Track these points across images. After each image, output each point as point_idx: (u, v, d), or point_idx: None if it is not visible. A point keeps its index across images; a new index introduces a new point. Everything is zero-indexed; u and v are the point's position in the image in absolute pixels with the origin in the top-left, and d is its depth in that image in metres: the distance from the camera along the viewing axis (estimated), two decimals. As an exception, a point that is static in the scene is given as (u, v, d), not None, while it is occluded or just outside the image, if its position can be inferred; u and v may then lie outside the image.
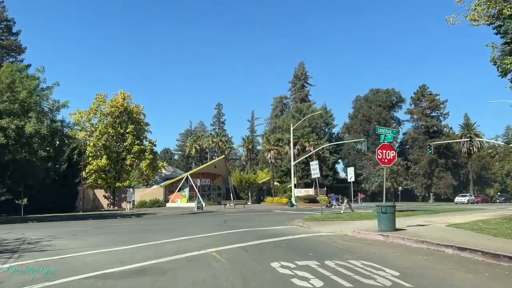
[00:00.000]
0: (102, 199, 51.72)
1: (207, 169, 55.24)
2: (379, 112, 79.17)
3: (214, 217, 24.98)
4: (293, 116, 69.89)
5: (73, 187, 42.93)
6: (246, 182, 59.12)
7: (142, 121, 55.75)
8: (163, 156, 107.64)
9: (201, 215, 28.69)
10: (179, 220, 22.62)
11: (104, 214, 34.78)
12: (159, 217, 27.83)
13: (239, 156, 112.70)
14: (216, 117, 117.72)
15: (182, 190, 53.80)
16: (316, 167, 23.18)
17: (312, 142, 59.38)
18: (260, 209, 38.98)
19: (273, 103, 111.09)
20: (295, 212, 30.64)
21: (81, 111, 51.07)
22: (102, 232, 16.26)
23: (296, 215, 26.86)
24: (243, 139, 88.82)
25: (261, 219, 22.68)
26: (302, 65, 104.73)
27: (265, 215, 26.55)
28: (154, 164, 54.20)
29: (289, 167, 71.43)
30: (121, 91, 53.38)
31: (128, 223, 21.18)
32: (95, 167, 48.37)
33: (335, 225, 17.21)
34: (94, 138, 49.49)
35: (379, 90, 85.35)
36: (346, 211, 25.79)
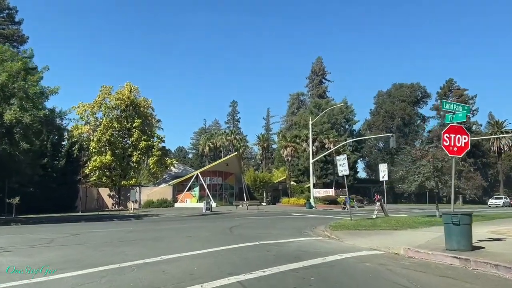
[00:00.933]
0: (107, 198, 48.45)
1: (219, 167, 51.43)
2: (403, 108, 74.23)
3: (221, 221, 21.10)
4: (311, 112, 65.58)
5: (72, 185, 39.63)
6: (260, 182, 55.15)
7: (150, 115, 52.33)
8: (177, 155, 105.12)
9: (206, 219, 24.83)
10: (178, 226, 18.79)
11: (102, 215, 31.26)
12: (158, 221, 24.13)
13: (254, 155, 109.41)
14: (231, 114, 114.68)
15: (191, 189, 50.16)
16: (345, 162, 19.04)
17: (332, 138, 55.07)
18: (275, 211, 34.99)
19: (289, 100, 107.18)
20: (316, 216, 26.52)
21: (84, 104, 47.89)
22: (70, 243, 12.52)
23: (318, 220, 22.76)
24: (258, 137, 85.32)
25: (276, 224, 18.70)
26: (320, 60, 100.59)
27: (281, 220, 22.53)
28: (163, 161, 50.64)
29: (306, 165, 67.22)
30: (128, 82, 50.14)
31: (115, 229, 17.43)
32: (98, 163, 45.05)
33: (373, 236, 13.10)
34: (98, 133, 46.20)
35: (403, 85, 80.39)
36: (379, 215, 21.55)
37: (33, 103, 23.77)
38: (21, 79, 23.90)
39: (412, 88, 79.28)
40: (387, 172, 23.84)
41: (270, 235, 13.86)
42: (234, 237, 13.24)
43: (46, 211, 35.94)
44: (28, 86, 23.59)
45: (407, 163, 21.91)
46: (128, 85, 49.79)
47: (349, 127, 70.62)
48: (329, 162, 63.85)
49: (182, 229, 16.75)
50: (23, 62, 24.14)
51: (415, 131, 76.42)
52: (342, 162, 19.26)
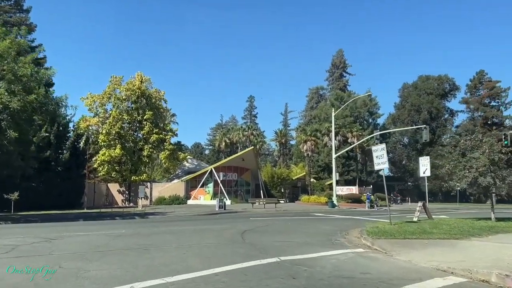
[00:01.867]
0: (116, 194, 45.99)
1: (234, 162, 48.38)
2: (430, 101, 69.74)
3: (233, 223, 18.00)
4: (333, 104, 61.86)
5: (78, 180, 37.07)
6: (278, 178, 51.94)
7: (162, 107, 49.61)
8: (193, 151, 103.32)
9: (217, 219, 21.77)
10: (181, 228, 15.76)
11: (105, 213, 28.53)
12: (163, 221, 21.19)
13: (271, 152, 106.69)
14: (248, 110, 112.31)
15: (205, 185, 47.32)
16: (383, 153, 15.66)
17: (355, 132, 51.40)
18: (295, 211, 31.76)
19: (309, 94, 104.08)
20: (343, 217, 23.16)
21: (93, 95, 45.35)
22: (33, 253, 9.62)
23: (346, 221, 19.46)
24: (276, 133, 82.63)
25: (298, 228, 15.48)
26: (341, 53, 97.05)
27: (303, 222, 19.29)
28: (175, 155, 47.86)
29: (327, 161, 63.70)
30: (139, 72, 47.40)
31: (104, 232, 14.50)
32: (107, 157, 42.52)
33: (432, 248, 9.81)
34: (107, 125, 43.68)
35: (430, 77, 75.72)
36: (421, 216, 18.06)
37: (23, 86, 21.03)
38: (11, 60, 21.20)
39: (440, 80, 74.59)
40: (429, 167, 20.18)
41: (292, 244, 10.68)
42: (246, 247, 10.08)
43: (49, 207, 33.54)
44: (18, 68, 20.84)
45: (454, 156, 18.30)
46: (139, 75, 47.13)
47: (372, 121, 66.70)
48: (352, 158, 60.28)
49: (184, 233, 13.69)
50: (12, 40, 21.41)
51: (443, 125, 71.81)
52: (379, 153, 15.87)
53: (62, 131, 36.51)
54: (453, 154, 18.44)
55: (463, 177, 17.17)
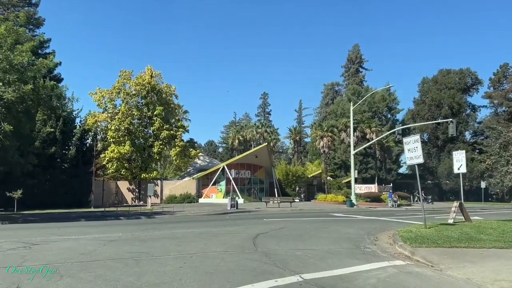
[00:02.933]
0: (126, 192, 44.62)
1: (247, 159, 46.54)
2: (452, 95, 66.76)
3: (244, 224, 16.17)
4: (349, 99, 59.56)
5: (85, 177, 35.70)
6: (293, 176, 50.00)
7: (173, 103, 48.06)
8: (207, 149, 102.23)
9: (227, 219, 19.97)
10: (186, 231, 13.99)
11: (110, 212, 26.96)
12: (169, 221, 19.51)
13: (285, 149, 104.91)
14: (261, 107, 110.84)
15: (217, 183, 45.61)
16: (417, 146, 13.67)
17: (374, 128, 49.03)
18: (312, 210, 29.80)
19: (324, 90, 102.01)
20: (366, 218, 21.13)
21: (102, 90, 44.07)
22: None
23: (370, 223, 17.46)
24: (290, 130, 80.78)
25: (318, 231, 13.56)
26: (357, 48, 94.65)
27: (322, 223, 17.33)
28: (186, 152, 46.27)
29: (344, 158, 61.51)
30: (149, 66, 45.95)
31: (98, 235, 12.83)
32: (116, 154, 41.14)
33: (492, 261, 7.83)
34: (116, 121, 42.31)
35: (451, 71, 72.67)
36: (458, 217, 15.94)
37: (20, 76, 19.52)
38: (7, 48, 19.71)
39: (461, 74, 71.47)
40: (465, 162, 18.00)
41: (315, 253, 8.79)
42: (258, 258, 8.21)
43: (55, 206, 32.27)
44: (14, 56, 19.33)
45: (494, 149, 16.10)
46: (149, 69, 45.65)
47: (391, 117, 64.11)
48: (370, 155, 57.93)
49: (187, 237, 11.90)
50: (8, 28, 19.91)
51: (465, 121, 68.76)
52: (412, 145, 13.88)
53: (68, 126, 35.22)
54: (493, 148, 16.27)
55: (506, 174, 15.00)
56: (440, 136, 69.66)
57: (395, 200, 38.99)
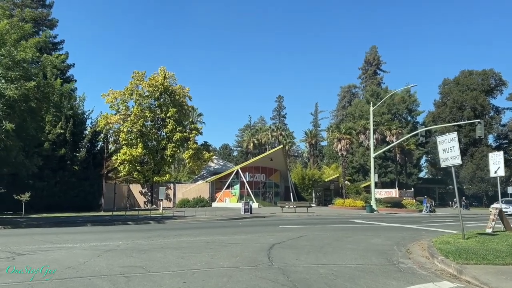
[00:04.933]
0: (138, 195, 43.70)
1: (262, 162, 45.14)
2: (475, 97, 64.22)
3: (258, 232, 14.77)
4: (368, 101, 57.63)
5: (96, 180, 34.79)
6: (309, 180, 48.34)
7: (186, 104, 47.03)
8: (221, 152, 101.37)
9: (240, 226, 18.57)
10: (195, 239, 12.66)
11: (119, 216, 25.81)
12: (178, 227, 18.26)
13: (300, 153, 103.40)
14: (276, 110, 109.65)
15: (231, 187, 44.33)
16: (454, 145, 11.95)
17: (394, 130, 47.04)
18: (331, 216, 28.22)
19: (340, 93, 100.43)
20: (389, 225, 19.48)
21: (115, 92, 43.35)
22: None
23: (396, 231, 15.87)
24: (306, 133, 79.42)
25: (341, 242, 12.06)
26: (375, 49, 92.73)
27: (344, 231, 15.81)
28: (200, 155, 45.14)
29: (362, 162, 59.58)
30: (162, 67, 45.06)
31: (98, 243, 11.62)
32: (128, 156, 40.21)
33: None
34: (129, 123, 41.46)
35: (473, 72, 70.13)
36: (497, 226, 14.21)
37: (24, 73, 18.56)
38: (10, 44, 18.79)
39: (485, 75, 68.86)
40: (503, 164, 16.21)
41: (342, 271, 7.33)
42: (274, 278, 6.78)
43: (64, 209, 31.45)
44: (17, 52, 18.38)
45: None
46: (162, 70, 44.75)
47: (411, 119, 61.87)
48: (389, 158, 55.88)
49: (193, 247, 10.55)
50: (10, 23, 19.00)
51: (489, 123, 66.07)
52: (448, 145, 12.19)
53: (79, 128, 34.42)
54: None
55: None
56: (462, 139, 67.03)
57: (428, 205, 37.67)
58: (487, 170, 61.87)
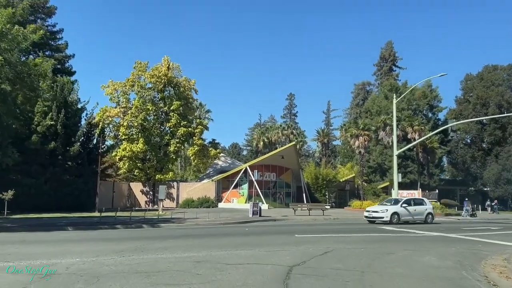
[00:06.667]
0: (139, 195, 40.60)
1: (272, 160, 41.77)
2: (500, 93, 60.01)
3: (268, 244, 11.51)
4: (386, 96, 53.97)
5: (90, 177, 31.71)
6: (323, 180, 44.77)
7: (192, 97, 43.90)
8: (231, 151, 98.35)
9: (245, 236, 15.22)
10: (182, 255, 9.39)
11: (109, 218, 22.59)
12: (170, 234, 15.09)
13: (311, 153, 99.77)
14: (288, 108, 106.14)
15: (239, 186, 41.06)
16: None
17: (416, 127, 43.28)
18: (351, 220, 24.89)
19: (354, 90, 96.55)
20: (429, 234, 15.98)
21: (115, 83, 40.33)
22: None
23: (443, 243, 12.48)
24: (318, 132, 75.98)
25: (384, 263, 8.72)
26: (390, 45, 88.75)
27: (379, 244, 12.46)
28: (205, 152, 41.98)
29: (380, 161, 55.86)
30: (166, 57, 41.92)
31: (36, 260, 8.44)
32: (128, 152, 37.20)
33: None
34: (129, 116, 38.46)
35: (497, 67, 65.93)
36: None
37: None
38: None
39: (510, 70, 64.64)
40: None
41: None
42: None
43: (54, 209, 28.42)
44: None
45: None
46: (166, 60, 41.64)
47: (433, 116, 57.93)
48: (409, 157, 52.10)
49: (173, 273, 7.28)
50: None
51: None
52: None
53: (72, 119, 31.39)
54: None
55: None
56: (486, 138, 62.98)
57: (467, 209, 35.17)
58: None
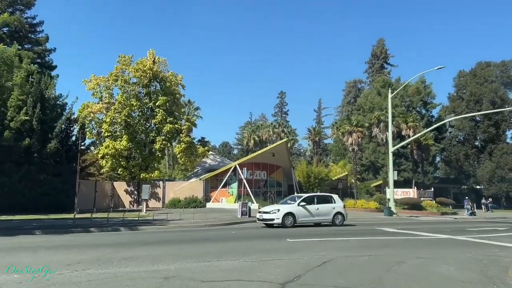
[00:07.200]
0: (123, 194, 38.73)
1: (263, 158, 40.17)
2: (494, 89, 59.12)
3: (255, 252, 9.91)
4: (379, 93, 52.71)
5: (70, 176, 29.76)
6: (315, 178, 43.23)
7: (179, 93, 42.05)
8: (221, 150, 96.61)
9: (231, 240, 13.56)
10: (148, 268, 7.73)
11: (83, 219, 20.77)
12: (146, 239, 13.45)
13: (302, 152, 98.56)
14: (278, 106, 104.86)
15: (228, 185, 39.39)
16: None
17: (411, 123, 42.01)
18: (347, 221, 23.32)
19: (345, 88, 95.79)
20: (435, 237, 14.50)
21: (97, 78, 38.39)
22: None
23: (456, 247, 11.01)
24: (309, 130, 75.05)
25: (397, 277, 7.18)
26: (382, 42, 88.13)
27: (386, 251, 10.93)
28: (193, 149, 40.22)
29: (373, 159, 54.60)
30: (151, 50, 40.02)
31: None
32: (111, 150, 35.31)
33: None
34: (112, 112, 36.55)
35: (490, 63, 65.18)
36: None
37: None
38: None
39: (504, 67, 63.92)
40: None
41: None
42: None
43: (31, 210, 26.47)
44: None
45: None
46: (151, 54, 39.74)
47: (427, 112, 56.84)
48: (403, 155, 50.91)
49: (139, 286, 5.62)
50: None
51: (509, 118, 61.05)
52: None
53: (49, 115, 29.40)
54: None
55: None
56: (479, 136, 62.11)
57: (468, 207, 34.32)
58: (508, 169, 56.68)
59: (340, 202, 20.59)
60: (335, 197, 20.58)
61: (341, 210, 19.78)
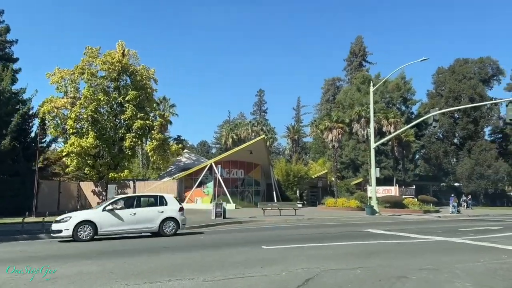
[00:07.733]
0: (91, 195, 36.24)
1: (240, 156, 38.35)
2: (472, 86, 58.98)
3: (222, 267, 8.07)
4: (358, 89, 51.58)
5: (29, 176, 27.21)
6: (294, 176, 41.82)
7: (151, 88, 39.68)
8: (199, 149, 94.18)
9: (195, 249, 11.60)
10: None
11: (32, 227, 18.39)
12: (92, 249, 11.43)
13: (282, 151, 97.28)
14: (257, 104, 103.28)
15: (204, 185, 37.43)
16: None
17: (392, 119, 40.93)
18: (328, 221, 21.77)
19: (324, 86, 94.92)
20: (429, 239, 12.93)
21: (62, 70, 35.63)
22: None
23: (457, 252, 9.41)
24: (288, 128, 73.89)
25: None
26: (360, 40, 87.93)
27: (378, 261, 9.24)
28: (165, 147, 38.01)
29: (352, 156, 53.47)
30: (120, 41, 37.47)
31: None
32: (76, 148, 32.76)
33: None
34: (78, 107, 33.99)
35: (468, 60, 65.22)
36: None
37: None
38: None
39: (481, 64, 63.97)
40: None
41: None
42: None
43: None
44: None
45: None
46: (120, 45, 37.18)
47: (406, 109, 56.18)
48: (383, 152, 49.91)
49: None
50: None
51: (488, 115, 61.08)
52: None
53: (3, 109, 26.76)
54: None
55: None
56: (458, 133, 61.90)
57: (454, 205, 33.63)
58: (487, 166, 56.56)
59: (176, 204, 15.31)
60: (168, 198, 15.34)
61: (175, 215, 14.59)
